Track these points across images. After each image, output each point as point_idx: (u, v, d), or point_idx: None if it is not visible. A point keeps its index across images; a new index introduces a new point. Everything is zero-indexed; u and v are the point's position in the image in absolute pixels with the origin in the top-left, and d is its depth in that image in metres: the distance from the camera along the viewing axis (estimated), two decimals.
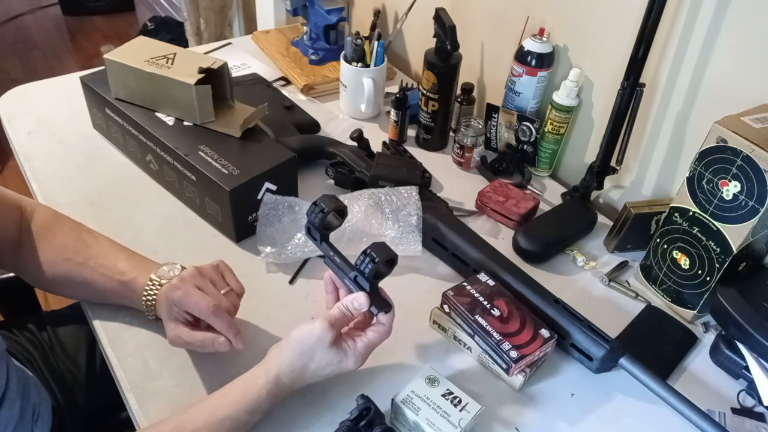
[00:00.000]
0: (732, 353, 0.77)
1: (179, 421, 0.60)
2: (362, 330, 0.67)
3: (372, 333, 0.66)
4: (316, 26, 1.29)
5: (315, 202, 0.67)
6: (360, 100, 1.15)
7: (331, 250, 0.69)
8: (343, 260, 0.68)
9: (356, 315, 0.66)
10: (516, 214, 0.95)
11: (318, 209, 0.67)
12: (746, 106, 0.76)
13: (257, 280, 0.82)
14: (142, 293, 0.71)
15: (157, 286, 0.70)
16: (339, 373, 0.65)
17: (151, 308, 0.71)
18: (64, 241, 0.75)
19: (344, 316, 0.65)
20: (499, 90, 1.11)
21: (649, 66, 0.85)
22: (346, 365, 0.64)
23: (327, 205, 0.67)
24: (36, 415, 0.75)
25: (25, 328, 0.90)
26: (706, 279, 0.79)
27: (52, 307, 1.15)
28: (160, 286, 0.70)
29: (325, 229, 0.69)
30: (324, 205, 0.67)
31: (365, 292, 0.65)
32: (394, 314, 0.68)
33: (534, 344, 0.70)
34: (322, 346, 0.63)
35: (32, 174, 0.96)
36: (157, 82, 0.89)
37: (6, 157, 2.34)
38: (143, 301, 0.71)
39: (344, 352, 0.64)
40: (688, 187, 0.78)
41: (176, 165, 0.88)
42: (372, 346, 0.66)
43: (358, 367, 0.65)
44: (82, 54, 3.08)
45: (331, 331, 0.63)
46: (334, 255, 0.69)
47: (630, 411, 0.72)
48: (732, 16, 0.78)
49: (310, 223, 0.68)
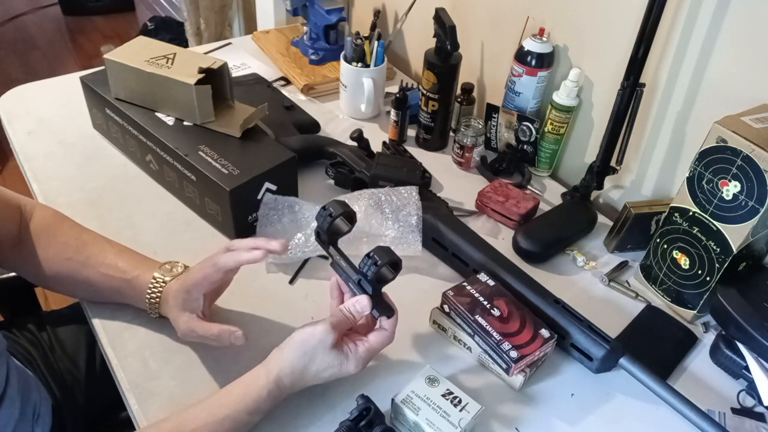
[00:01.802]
0: (732, 353, 0.77)
1: (179, 420, 0.61)
2: (365, 335, 0.67)
3: (374, 338, 0.66)
4: (316, 26, 1.29)
5: (324, 207, 0.67)
6: (360, 100, 1.15)
7: (339, 255, 0.69)
8: (349, 265, 0.68)
9: (358, 318, 0.66)
10: (516, 214, 0.95)
11: (326, 213, 0.67)
12: (746, 106, 0.76)
13: (257, 280, 0.82)
14: (145, 291, 0.71)
15: (161, 282, 0.70)
16: (339, 376, 0.65)
17: (154, 306, 0.71)
18: (65, 239, 0.75)
19: (346, 319, 0.65)
20: (499, 90, 1.11)
21: (649, 66, 0.85)
22: (346, 369, 0.64)
23: (335, 210, 0.67)
24: (36, 414, 0.76)
25: (25, 328, 0.90)
26: (706, 279, 0.79)
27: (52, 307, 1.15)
28: (164, 283, 0.70)
29: (334, 234, 0.69)
30: (332, 209, 0.67)
31: (368, 295, 0.66)
32: (397, 320, 0.68)
33: (534, 344, 0.70)
34: (323, 349, 0.63)
35: (32, 174, 0.96)
36: (157, 82, 0.89)
37: (6, 157, 2.35)
38: (147, 298, 0.71)
39: (345, 356, 0.64)
40: (688, 187, 0.78)
41: (176, 165, 0.88)
42: (373, 351, 0.66)
43: (359, 371, 0.65)
44: (82, 54, 3.08)
45: (333, 333, 0.63)
46: (340, 259, 0.69)
47: (630, 411, 0.72)
48: (732, 16, 0.78)
49: (319, 228, 0.69)
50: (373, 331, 0.67)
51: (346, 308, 0.66)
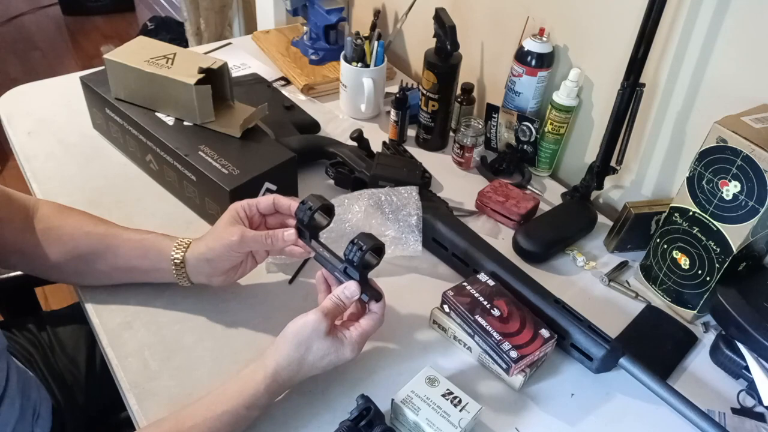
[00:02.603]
0: (732, 353, 0.77)
1: (178, 418, 0.61)
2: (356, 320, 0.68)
3: (365, 321, 0.67)
4: (316, 26, 1.29)
5: (303, 201, 0.69)
6: (360, 100, 1.15)
7: (321, 247, 0.71)
8: (333, 255, 0.70)
9: (348, 304, 0.67)
10: (516, 214, 0.95)
11: (306, 208, 0.69)
12: (746, 106, 0.76)
13: (257, 280, 0.82)
14: (171, 249, 0.72)
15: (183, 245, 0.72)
16: (337, 363, 0.65)
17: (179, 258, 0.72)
18: (79, 217, 0.76)
19: (337, 306, 0.66)
20: (499, 90, 1.11)
21: (649, 66, 0.85)
22: (343, 354, 0.65)
23: (314, 204, 0.69)
24: (36, 414, 0.76)
25: (24, 328, 0.91)
26: (706, 279, 0.79)
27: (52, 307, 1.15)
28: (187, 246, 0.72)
29: (315, 227, 0.71)
30: (312, 203, 0.69)
31: (355, 281, 0.67)
32: (385, 303, 0.69)
33: (534, 344, 0.70)
34: (317, 336, 0.63)
35: (32, 174, 0.96)
36: (157, 82, 0.89)
37: (6, 157, 2.35)
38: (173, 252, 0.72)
39: (340, 341, 0.65)
40: (688, 187, 0.78)
41: (176, 165, 0.88)
42: (366, 334, 0.67)
43: (355, 356, 0.66)
44: (82, 54, 3.08)
45: (326, 320, 0.64)
46: (324, 251, 0.71)
47: (630, 411, 0.72)
48: (732, 16, 0.78)
49: (300, 222, 0.70)
50: (364, 316, 0.68)
51: (336, 295, 0.67)
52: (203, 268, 0.72)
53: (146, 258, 0.73)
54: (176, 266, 0.72)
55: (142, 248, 0.73)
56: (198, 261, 0.72)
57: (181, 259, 0.72)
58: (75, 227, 0.74)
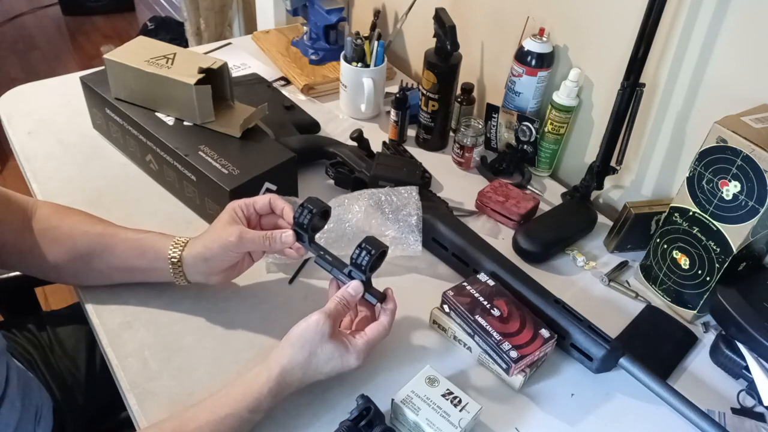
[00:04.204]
0: (732, 353, 0.77)
1: (180, 420, 0.61)
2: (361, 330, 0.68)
3: (371, 330, 0.67)
4: (316, 26, 1.29)
5: (302, 204, 0.70)
6: (360, 100, 1.15)
7: (321, 250, 0.72)
8: (334, 258, 0.71)
9: (352, 303, 0.67)
10: (516, 214, 0.95)
11: (306, 211, 0.69)
12: (746, 106, 0.76)
13: (257, 280, 0.82)
14: (168, 247, 0.72)
15: (180, 244, 0.72)
16: (341, 370, 0.65)
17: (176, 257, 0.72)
18: (77, 217, 0.76)
19: (340, 306, 0.66)
20: (499, 90, 1.11)
21: (649, 66, 0.85)
22: (347, 361, 0.65)
23: (314, 206, 0.69)
24: (39, 415, 0.75)
25: (24, 328, 0.90)
26: (706, 279, 0.79)
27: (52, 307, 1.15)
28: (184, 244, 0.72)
29: (314, 230, 0.72)
30: (311, 206, 0.69)
31: (359, 281, 0.68)
32: (395, 314, 0.69)
33: (534, 344, 0.70)
34: (321, 338, 0.63)
35: (32, 174, 0.96)
36: (157, 82, 0.89)
37: (6, 157, 2.34)
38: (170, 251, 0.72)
39: (345, 347, 0.64)
40: (688, 187, 0.78)
41: (176, 165, 0.88)
42: (372, 343, 0.66)
43: (360, 364, 0.65)
44: (82, 54, 3.08)
45: (329, 321, 0.64)
46: (325, 254, 0.71)
47: (630, 411, 0.72)
48: (732, 16, 0.78)
49: (298, 225, 0.71)
50: (370, 325, 0.68)
51: (339, 295, 0.67)
52: (200, 267, 0.72)
53: (143, 257, 0.73)
54: (173, 265, 0.72)
55: (140, 247, 0.73)
56: (195, 260, 0.72)
57: (178, 257, 0.72)
58: (73, 227, 0.74)
